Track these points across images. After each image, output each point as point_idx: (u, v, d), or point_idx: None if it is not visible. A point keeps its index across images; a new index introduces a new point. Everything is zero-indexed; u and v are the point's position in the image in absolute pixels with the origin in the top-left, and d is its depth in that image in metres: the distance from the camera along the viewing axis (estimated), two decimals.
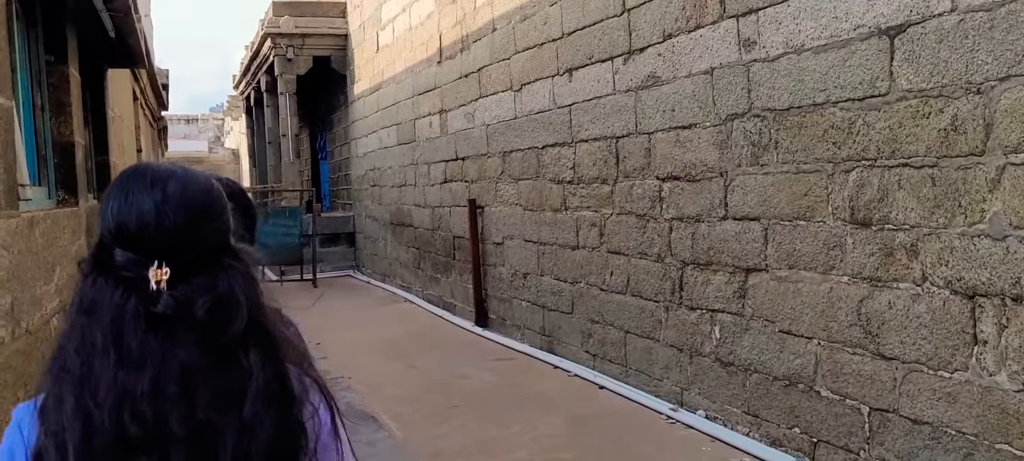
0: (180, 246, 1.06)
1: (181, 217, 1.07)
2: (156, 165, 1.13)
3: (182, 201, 1.08)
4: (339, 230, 15.45)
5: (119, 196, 1.08)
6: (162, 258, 1.04)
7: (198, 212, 1.09)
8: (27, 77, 3.51)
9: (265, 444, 1.04)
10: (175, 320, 1.03)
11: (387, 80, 12.46)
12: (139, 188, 1.08)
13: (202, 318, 1.04)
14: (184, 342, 1.03)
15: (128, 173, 1.12)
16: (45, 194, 3.66)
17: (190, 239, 1.07)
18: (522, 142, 7.71)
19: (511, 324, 8.22)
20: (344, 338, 8.80)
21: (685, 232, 5.32)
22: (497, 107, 8.26)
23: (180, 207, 1.07)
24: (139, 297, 1.03)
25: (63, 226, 3.32)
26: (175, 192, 1.08)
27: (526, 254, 7.77)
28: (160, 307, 1.02)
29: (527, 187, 7.65)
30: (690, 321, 5.33)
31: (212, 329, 1.04)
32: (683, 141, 5.29)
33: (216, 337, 1.04)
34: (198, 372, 1.02)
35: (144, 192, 1.07)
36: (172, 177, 1.10)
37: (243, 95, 22.08)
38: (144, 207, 1.06)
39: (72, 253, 3.53)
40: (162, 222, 1.05)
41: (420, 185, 11.04)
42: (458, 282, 9.74)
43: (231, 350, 1.05)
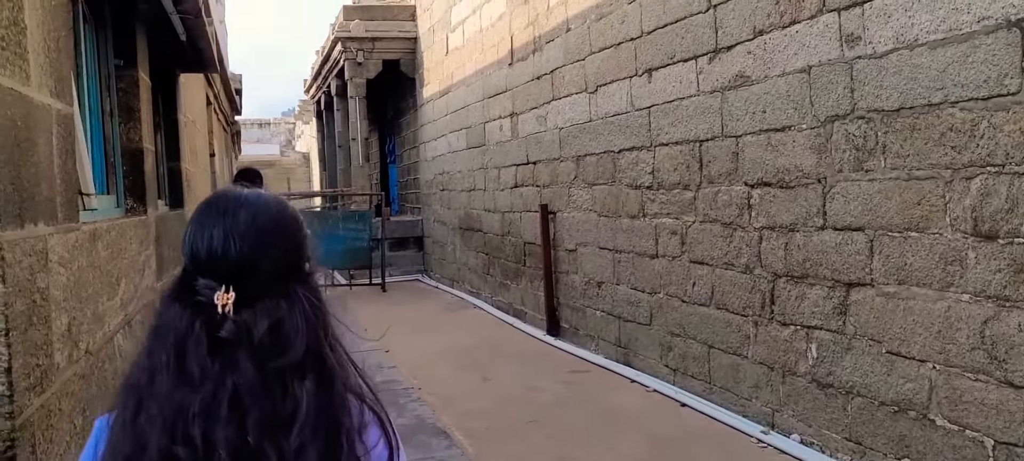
0: (246, 271, 1.08)
1: (247, 244, 1.09)
2: (232, 193, 1.16)
3: (251, 227, 1.11)
4: (408, 234, 15.39)
5: (195, 223, 1.12)
6: (229, 283, 1.06)
7: (266, 238, 1.11)
8: (96, 82, 3.41)
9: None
10: (236, 344, 1.05)
11: (456, 83, 12.31)
12: (212, 216, 1.12)
13: (263, 342, 1.06)
14: (242, 366, 1.04)
15: (206, 201, 1.16)
16: (113, 203, 3.55)
17: (255, 264, 1.09)
18: (597, 146, 7.42)
19: (584, 334, 7.93)
20: (413, 345, 8.65)
21: (777, 242, 4.96)
22: (570, 110, 7.99)
23: (247, 233, 1.10)
24: (204, 320, 1.06)
25: (130, 237, 3.20)
26: (244, 219, 1.11)
27: (600, 262, 7.48)
28: (223, 331, 1.05)
29: (602, 192, 7.36)
30: (783, 338, 4.97)
31: (269, 354, 1.06)
32: (775, 145, 4.94)
33: (272, 362, 1.06)
34: (250, 395, 1.03)
35: (216, 220, 1.11)
36: (243, 204, 1.13)
37: (314, 99, 22.30)
38: (214, 234, 1.09)
39: (139, 264, 3.40)
40: (228, 249, 1.08)
41: (490, 189, 10.84)
42: (528, 289, 9.50)
43: (286, 376, 1.06)
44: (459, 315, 10.76)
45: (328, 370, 1.11)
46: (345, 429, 1.10)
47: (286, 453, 1.02)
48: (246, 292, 1.07)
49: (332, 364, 1.12)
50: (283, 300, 1.09)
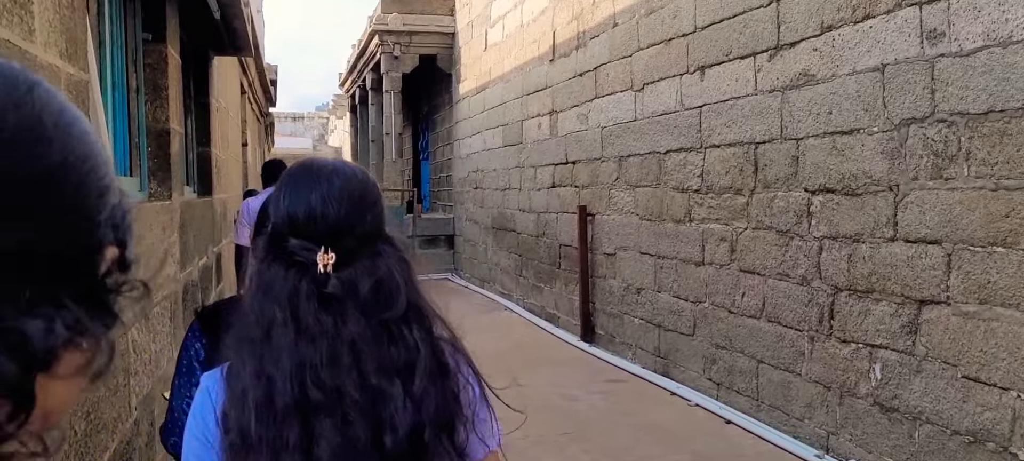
0: (343, 233, 1.17)
1: (343, 208, 1.18)
2: (320, 161, 1.25)
3: (344, 193, 1.19)
4: (439, 232, 15.16)
5: (289, 190, 1.20)
6: (327, 244, 1.14)
7: (357, 202, 1.20)
8: (121, 55, 3.18)
9: (434, 413, 1.14)
10: (343, 299, 1.13)
11: (494, 79, 12.05)
12: (307, 183, 1.20)
13: (367, 297, 1.14)
14: (352, 318, 1.12)
15: (296, 170, 1.24)
16: (135, 185, 3.31)
17: (351, 227, 1.18)
18: (641, 146, 7.11)
19: (621, 342, 7.62)
20: None
21: (839, 253, 4.62)
22: (614, 108, 7.68)
23: (342, 199, 1.19)
24: (310, 279, 1.14)
25: (151, 222, 2.96)
26: (338, 185, 1.20)
27: (641, 267, 7.16)
28: (330, 288, 1.13)
29: (645, 195, 7.04)
30: (842, 356, 4.62)
31: (376, 307, 1.14)
32: (841, 148, 4.60)
33: (380, 314, 1.14)
34: (366, 344, 1.12)
35: (312, 186, 1.19)
36: (335, 172, 1.22)
37: (348, 93, 22.19)
38: (312, 199, 1.18)
39: (160, 252, 3.16)
40: (327, 212, 1.17)
41: (525, 189, 10.56)
42: (563, 293, 9.21)
43: (394, 326, 1.15)
44: (490, 317, 10.49)
45: (428, 319, 1.21)
46: (450, 372, 1.20)
47: (412, 394, 1.11)
48: (345, 252, 1.15)
49: (430, 313, 1.22)
50: (377, 258, 1.18)
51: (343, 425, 1.09)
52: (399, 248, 1.23)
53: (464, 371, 1.25)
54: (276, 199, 1.22)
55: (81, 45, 2.00)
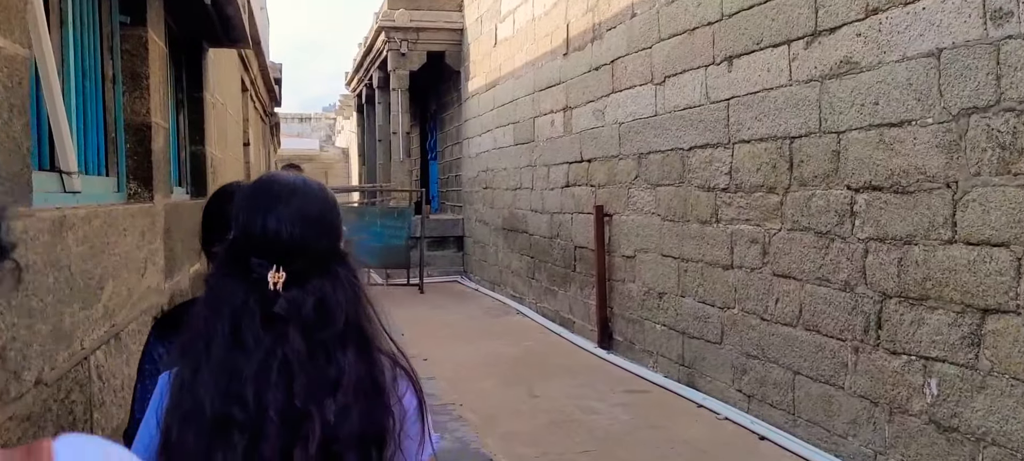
0: (296, 253, 1.19)
1: (298, 228, 1.21)
2: (281, 179, 1.28)
3: (300, 214, 1.22)
4: (447, 233, 14.79)
5: (248, 206, 1.23)
6: (280, 263, 1.17)
7: (314, 223, 1.22)
8: (94, 38, 2.81)
9: (356, 430, 1.16)
10: (287, 318, 1.16)
11: (504, 76, 11.68)
12: (265, 201, 1.23)
13: (309, 317, 1.17)
14: (291, 337, 1.15)
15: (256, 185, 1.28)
16: (111, 186, 2.94)
17: (304, 247, 1.20)
18: (663, 142, 6.72)
19: (641, 349, 7.23)
20: (453, 354, 8.02)
21: (888, 256, 4.23)
22: (633, 103, 7.30)
23: (298, 219, 1.21)
24: (258, 296, 1.16)
25: (123, 227, 2.58)
26: (296, 206, 1.22)
27: (663, 270, 6.77)
28: (276, 307, 1.16)
29: (667, 194, 6.66)
30: (891, 369, 4.23)
31: (316, 327, 1.17)
32: (889, 142, 4.21)
33: (318, 334, 1.17)
34: (298, 363, 1.14)
35: (270, 205, 1.22)
36: (294, 192, 1.24)
37: (355, 92, 21.83)
38: (269, 219, 1.20)
39: (138, 261, 2.79)
40: (281, 232, 1.20)
41: (537, 189, 10.18)
42: (578, 297, 8.82)
43: (330, 346, 1.18)
44: (501, 321, 10.11)
45: (366, 338, 1.22)
46: (382, 388, 1.21)
47: (330, 413, 1.14)
48: (295, 272, 1.18)
49: (369, 332, 1.23)
50: (327, 279, 1.20)
51: (257, 442, 1.10)
52: (352, 268, 1.25)
53: (401, 388, 1.26)
54: (235, 213, 1.23)
55: (16, 14, 1.64)
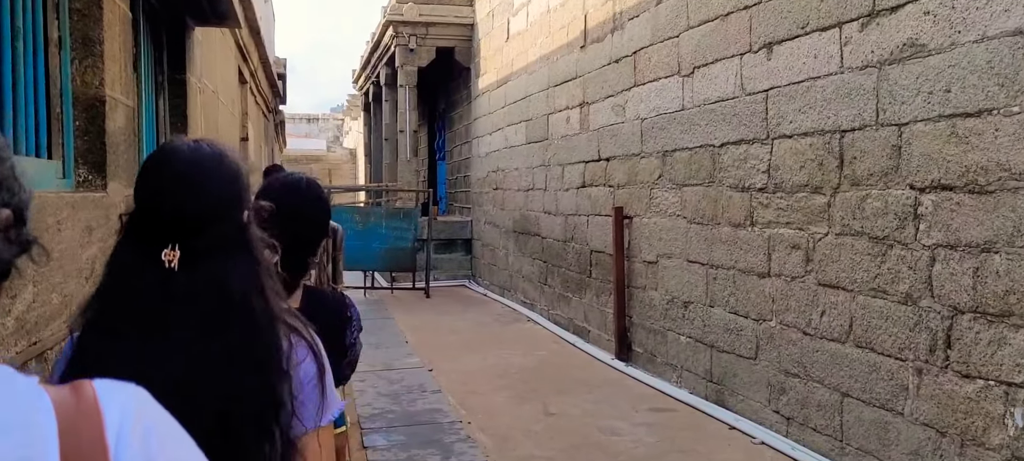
0: (192, 229, 1.17)
1: (195, 204, 1.18)
2: (178, 150, 1.23)
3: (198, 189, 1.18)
4: (455, 236, 14.28)
5: (139, 178, 1.22)
6: (176, 240, 1.16)
7: (212, 198, 1.19)
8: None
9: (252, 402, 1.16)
10: (180, 293, 1.15)
11: (517, 71, 11.17)
12: (155, 169, 1.22)
13: (203, 292, 1.16)
14: (187, 313, 1.14)
15: (151, 158, 1.25)
16: (54, 172, 2.41)
17: (201, 223, 1.17)
18: (691, 139, 6.19)
19: (663, 362, 6.70)
20: (461, 365, 7.50)
21: (961, 265, 3.69)
22: (657, 97, 6.77)
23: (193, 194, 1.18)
24: (153, 269, 1.15)
25: (63, 220, 2.07)
26: (193, 180, 1.19)
27: (689, 278, 6.25)
28: (170, 281, 1.15)
29: (695, 195, 6.13)
30: (963, 394, 3.69)
31: (213, 303, 1.16)
32: (964, 135, 3.67)
33: (215, 309, 1.16)
34: (195, 338, 1.14)
35: (164, 179, 1.19)
36: (192, 166, 1.20)
37: (362, 90, 21.35)
38: (163, 194, 1.18)
39: (82, 262, 2.27)
40: (175, 208, 1.17)
41: (551, 189, 9.67)
42: (594, 304, 8.30)
43: (227, 320, 1.17)
44: (512, 329, 9.59)
45: (260, 312, 1.21)
46: (278, 360, 1.21)
47: (226, 387, 1.13)
48: (192, 248, 1.16)
49: (262, 307, 1.21)
50: (223, 252, 1.19)
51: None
52: (252, 240, 1.24)
53: (299, 355, 1.27)
54: (135, 188, 1.22)
55: None
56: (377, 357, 7.82)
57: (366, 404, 6.02)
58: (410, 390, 6.48)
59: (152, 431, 0.66)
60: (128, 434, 0.64)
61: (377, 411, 5.86)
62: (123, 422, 0.65)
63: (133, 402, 0.68)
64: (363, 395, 6.29)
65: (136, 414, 0.67)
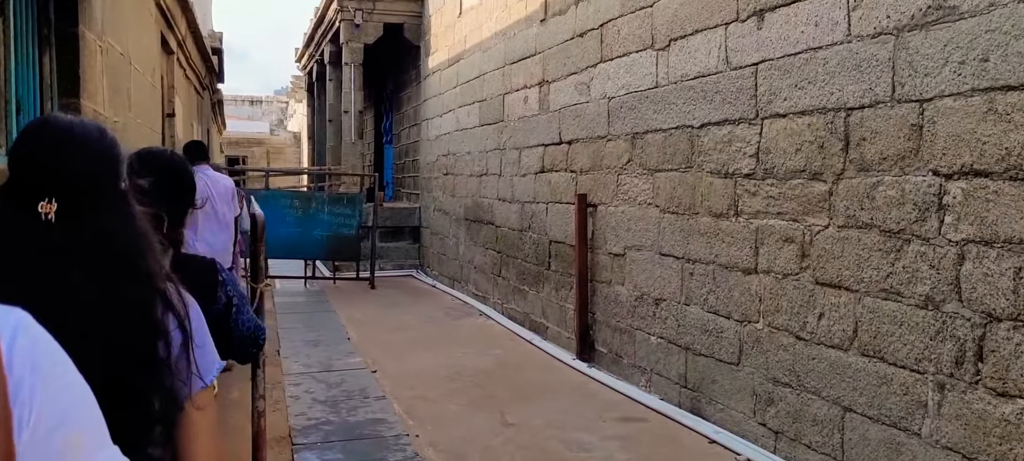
0: (69, 185, 1.21)
1: (71, 162, 1.23)
2: (57, 118, 1.32)
3: (75, 149, 1.24)
4: (402, 223, 13.54)
5: (22, 140, 1.26)
6: (52, 195, 1.19)
7: (89, 159, 1.24)
8: None
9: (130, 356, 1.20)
10: (60, 249, 1.18)
11: (470, 49, 10.47)
12: (33, 132, 1.28)
13: (83, 248, 1.20)
14: (66, 267, 1.18)
15: (32, 123, 1.33)
16: None
17: (78, 180, 1.22)
18: (665, 119, 5.61)
19: (630, 364, 6.13)
20: (409, 364, 6.83)
21: (999, 265, 3.16)
22: (627, 74, 6.17)
23: (71, 153, 1.23)
24: (33, 226, 1.19)
25: None
26: (72, 141, 1.25)
27: (662, 272, 5.67)
28: (49, 237, 1.19)
29: (669, 181, 5.55)
30: (999, 415, 3.17)
31: (91, 258, 1.20)
32: (1005, 111, 3.13)
33: (95, 265, 1.20)
34: (73, 294, 1.16)
35: (36, 135, 1.27)
36: (71, 128, 1.27)
37: (305, 70, 20.36)
38: (40, 150, 1.23)
39: None
40: (52, 163, 1.21)
41: (507, 175, 9.02)
42: (552, 299, 7.69)
43: (106, 278, 1.20)
44: (464, 324, 8.94)
45: (144, 267, 1.26)
46: (152, 320, 1.25)
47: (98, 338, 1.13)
48: (70, 204, 1.20)
49: (144, 266, 1.26)
50: (104, 213, 1.24)
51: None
52: (131, 204, 1.30)
53: (170, 324, 1.30)
54: (12, 149, 1.26)
55: None
56: (314, 356, 7.11)
57: (299, 413, 5.32)
58: (350, 396, 5.79)
59: (37, 341, 0.78)
60: (17, 343, 0.75)
61: (311, 422, 5.16)
62: (14, 335, 0.75)
63: (20, 319, 0.78)
64: (297, 402, 5.58)
65: (24, 329, 0.77)
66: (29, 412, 0.72)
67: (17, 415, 0.71)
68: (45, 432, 0.73)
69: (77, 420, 0.78)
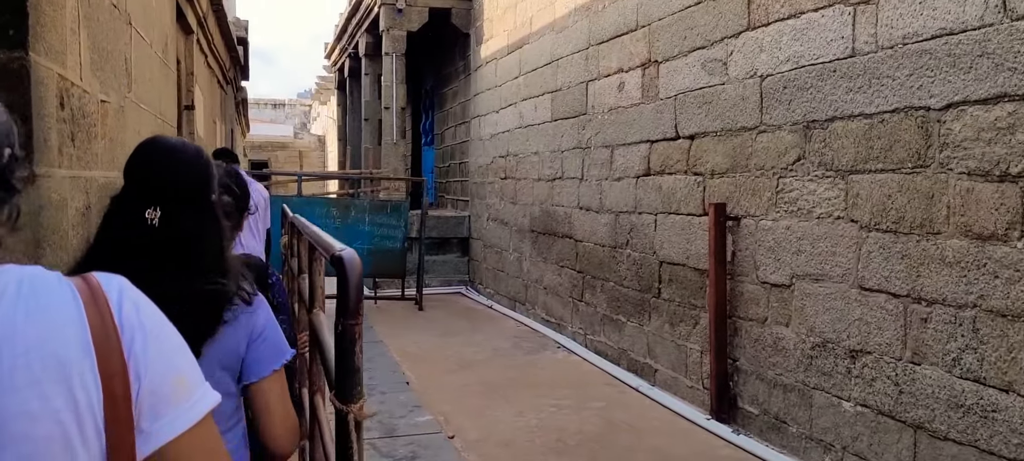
0: (167, 195, 1.53)
1: (174, 178, 1.56)
2: (163, 140, 1.66)
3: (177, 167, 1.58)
4: (449, 234, 11.99)
5: (132, 156, 1.59)
6: (156, 204, 1.52)
7: (187, 176, 1.58)
8: None
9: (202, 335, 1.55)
10: (160, 247, 1.50)
11: (538, 31, 8.90)
12: (144, 152, 1.60)
13: (178, 248, 1.52)
14: (162, 260, 1.49)
15: (142, 144, 1.63)
16: None
17: (174, 189, 1.55)
18: (870, 100, 4.01)
19: (803, 435, 4.52)
20: (493, 425, 5.27)
21: None
22: (797, 41, 4.57)
23: (174, 171, 1.57)
24: (140, 227, 1.51)
25: None
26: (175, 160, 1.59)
27: (864, 313, 4.06)
28: (152, 236, 1.50)
29: (879, 186, 3.95)
30: None
31: (184, 256, 1.52)
32: None
33: (186, 261, 1.53)
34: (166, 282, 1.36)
35: (146, 155, 1.60)
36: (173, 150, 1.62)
37: (336, 66, 18.85)
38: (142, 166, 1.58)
39: None
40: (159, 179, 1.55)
41: (591, 179, 7.44)
42: (665, 335, 6.09)
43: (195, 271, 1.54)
44: (542, 361, 7.35)
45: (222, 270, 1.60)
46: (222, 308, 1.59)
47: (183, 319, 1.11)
48: (169, 212, 1.52)
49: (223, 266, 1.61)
50: (194, 220, 1.56)
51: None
52: (217, 212, 1.63)
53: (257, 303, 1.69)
54: (127, 167, 1.58)
55: None
56: (370, 408, 5.53)
57: None
58: None
59: (138, 303, 0.91)
60: (124, 305, 0.88)
61: None
62: (120, 298, 0.89)
63: (123, 284, 0.91)
64: None
65: (126, 292, 0.90)
66: (143, 363, 0.86)
67: (133, 367, 0.86)
68: (158, 377, 0.88)
69: (180, 364, 0.92)
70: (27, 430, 0.76)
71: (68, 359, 0.80)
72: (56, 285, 0.85)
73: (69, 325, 0.82)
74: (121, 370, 0.83)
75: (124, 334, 0.85)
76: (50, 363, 0.79)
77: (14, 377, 0.77)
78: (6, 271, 0.83)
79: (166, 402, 0.87)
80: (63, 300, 0.83)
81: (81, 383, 0.80)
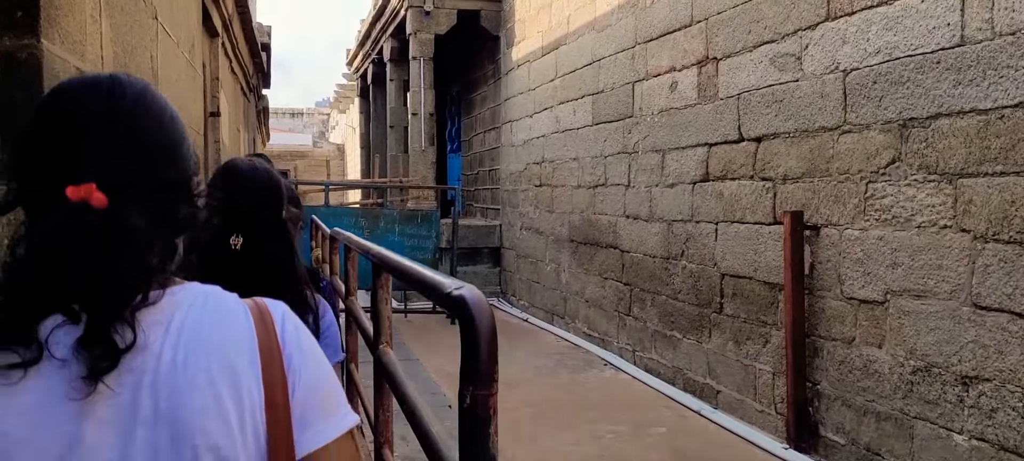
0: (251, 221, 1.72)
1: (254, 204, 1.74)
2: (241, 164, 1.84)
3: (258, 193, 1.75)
4: (480, 244, 11.58)
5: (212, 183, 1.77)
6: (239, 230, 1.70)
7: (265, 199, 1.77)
8: None
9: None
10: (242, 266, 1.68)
11: (577, 30, 8.47)
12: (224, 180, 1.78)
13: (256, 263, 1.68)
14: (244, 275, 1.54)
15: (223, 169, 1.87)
16: None
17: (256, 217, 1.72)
18: (986, 95, 3.55)
19: None
20: (545, 455, 4.81)
21: None
22: (890, 31, 4.12)
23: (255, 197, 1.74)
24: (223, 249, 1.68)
25: None
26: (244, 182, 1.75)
27: (981, 335, 3.60)
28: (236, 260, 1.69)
29: (1000, 192, 3.48)
30: None
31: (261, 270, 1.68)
32: None
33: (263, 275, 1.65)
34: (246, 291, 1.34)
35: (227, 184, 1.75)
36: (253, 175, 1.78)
37: (358, 72, 18.50)
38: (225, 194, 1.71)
39: None
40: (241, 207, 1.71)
41: (639, 186, 6.99)
42: (729, 354, 5.63)
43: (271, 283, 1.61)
44: (589, 380, 6.89)
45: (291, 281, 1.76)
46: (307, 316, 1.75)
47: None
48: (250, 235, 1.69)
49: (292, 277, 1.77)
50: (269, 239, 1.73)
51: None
52: (286, 229, 1.80)
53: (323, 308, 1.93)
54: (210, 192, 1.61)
55: None
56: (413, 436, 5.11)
57: None
58: None
59: (297, 326, 0.97)
60: (286, 326, 0.95)
61: None
62: (283, 320, 0.95)
63: (285, 309, 0.97)
64: None
65: (288, 316, 0.97)
66: (299, 378, 0.93)
67: (291, 380, 0.92)
68: (312, 390, 0.94)
69: (329, 382, 0.99)
70: (203, 424, 0.83)
71: (239, 366, 0.88)
72: (233, 303, 0.94)
73: (243, 338, 0.90)
74: (282, 381, 0.91)
75: (285, 350, 0.93)
76: (226, 367, 0.87)
77: (196, 376, 0.85)
78: (193, 287, 0.94)
79: (315, 414, 0.94)
80: (238, 316, 0.92)
81: (247, 389, 0.87)
